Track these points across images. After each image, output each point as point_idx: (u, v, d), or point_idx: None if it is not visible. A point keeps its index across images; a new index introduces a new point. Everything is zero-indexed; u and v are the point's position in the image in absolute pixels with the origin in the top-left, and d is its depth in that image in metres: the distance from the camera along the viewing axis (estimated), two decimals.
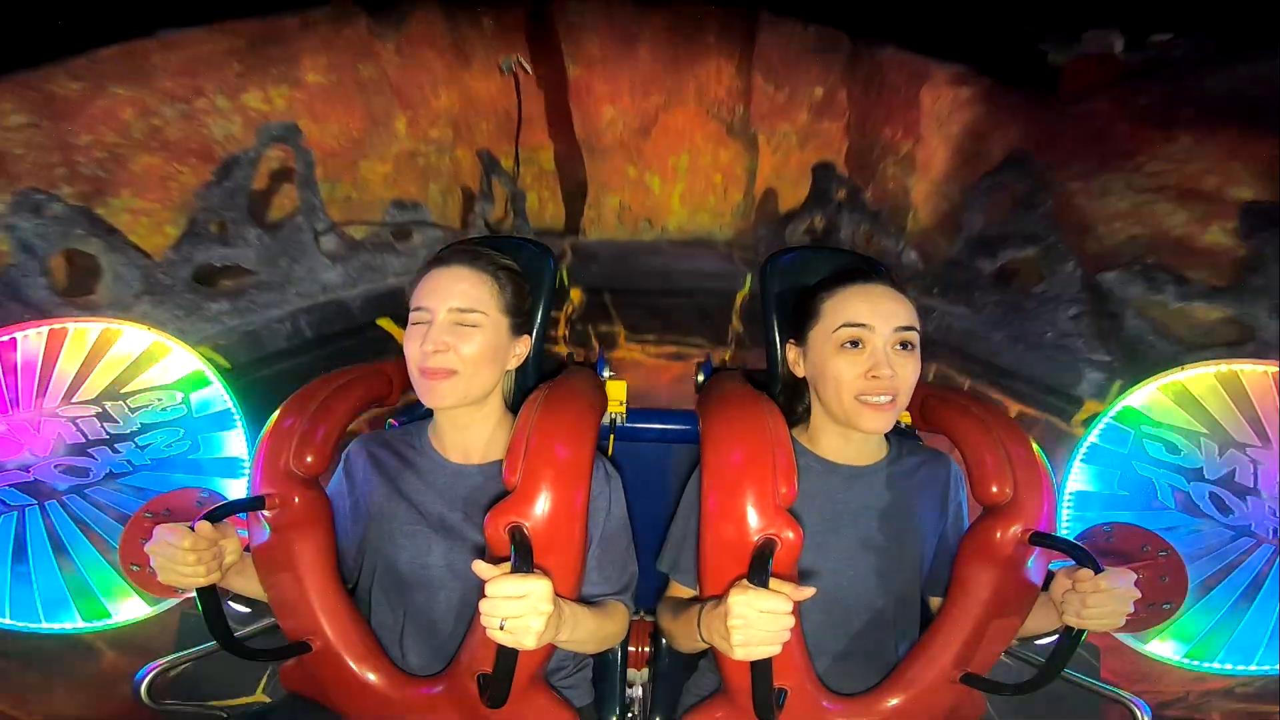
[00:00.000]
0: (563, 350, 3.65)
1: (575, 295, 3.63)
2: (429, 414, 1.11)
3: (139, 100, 2.34)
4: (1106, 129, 2.74)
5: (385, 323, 2.93)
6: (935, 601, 1.08)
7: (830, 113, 3.99)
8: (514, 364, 1.07)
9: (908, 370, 0.97)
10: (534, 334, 1.18)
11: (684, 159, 4.24)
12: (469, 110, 3.84)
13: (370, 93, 3.15)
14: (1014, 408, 2.64)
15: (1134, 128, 2.66)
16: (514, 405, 1.12)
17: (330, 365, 2.51)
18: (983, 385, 2.75)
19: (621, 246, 4.14)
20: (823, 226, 3.70)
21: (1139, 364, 2.19)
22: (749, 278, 3.52)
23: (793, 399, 1.13)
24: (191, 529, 0.89)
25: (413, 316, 1.00)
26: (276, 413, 1.09)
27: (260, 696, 1.14)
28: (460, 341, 0.97)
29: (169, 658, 1.04)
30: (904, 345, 0.98)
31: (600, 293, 3.70)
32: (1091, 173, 2.70)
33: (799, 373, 1.07)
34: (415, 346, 0.97)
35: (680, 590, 1.09)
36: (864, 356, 0.97)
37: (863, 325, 0.97)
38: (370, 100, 3.16)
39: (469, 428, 1.05)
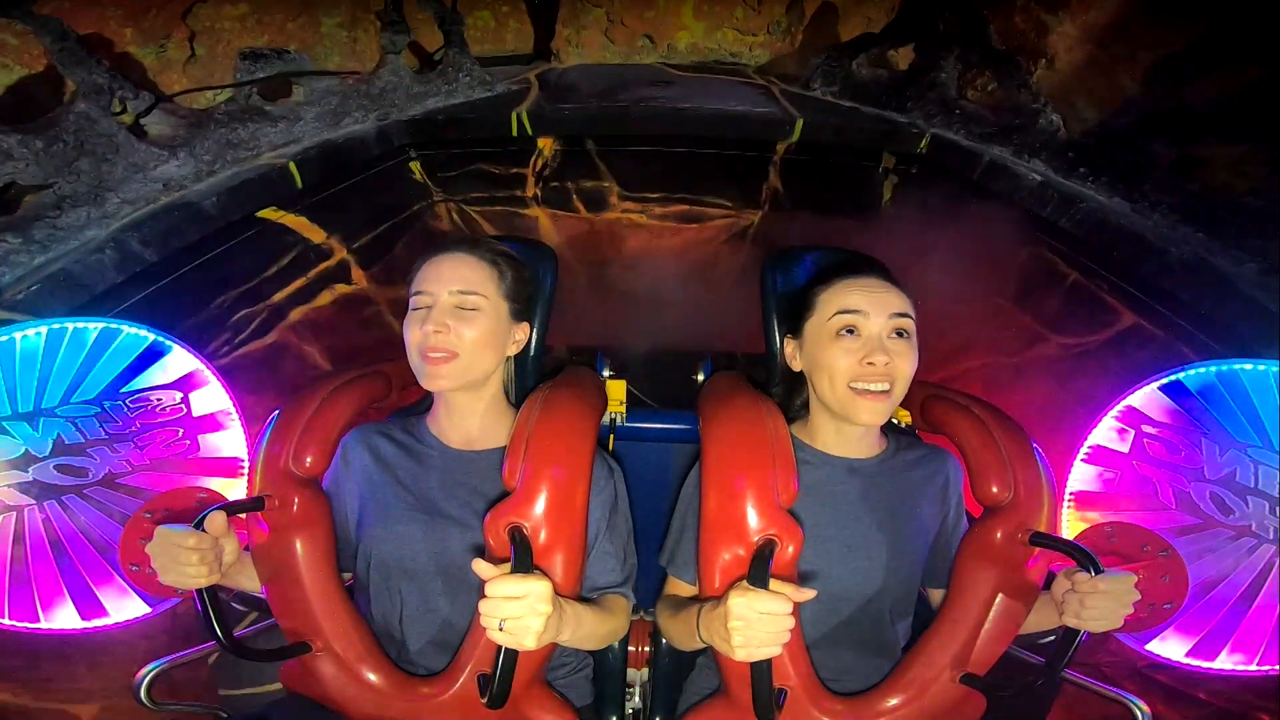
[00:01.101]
0: (534, 212, 2.81)
1: (545, 146, 2.68)
2: (427, 409, 1.11)
3: None
4: None
5: (272, 213, 2.13)
6: (936, 594, 1.09)
7: None
8: (513, 350, 1.08)
9: (903, 358, 0.97)
10: (534, 328, 1.18)
11: None
12: None
13: None
14: (1128, 317, 1.88)
15: None
16: (513, 396, 1.12)
17: (196, 289, 1.96)
18: (1102, 286, 1.96)
19: (610, 75, 2.95)
20: (912, 63, 2.66)
21: None
22: (799, 123, 2.53)
23: (791, 393, 1.13)
24: (198, 528, 0.89)
25: (413, 302, 1.01)
26: (276, 414, 1.10)
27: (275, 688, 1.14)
28: (461, 325, 0.98)
29: (169, 658, 1.04)
30: (899, 333, 0.98)
31: (581, 140, 2.71)
32: None
33: (796, 366, 1.07)
34: (416, 330, 0.99)
35: (678, 586, 1.09)
36: (859, 344, 0.97)
37: (857, 312, 0.98)
38: None
39: (469, 414, 1.06)
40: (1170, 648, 1.25)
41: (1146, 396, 1.33)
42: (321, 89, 2.33)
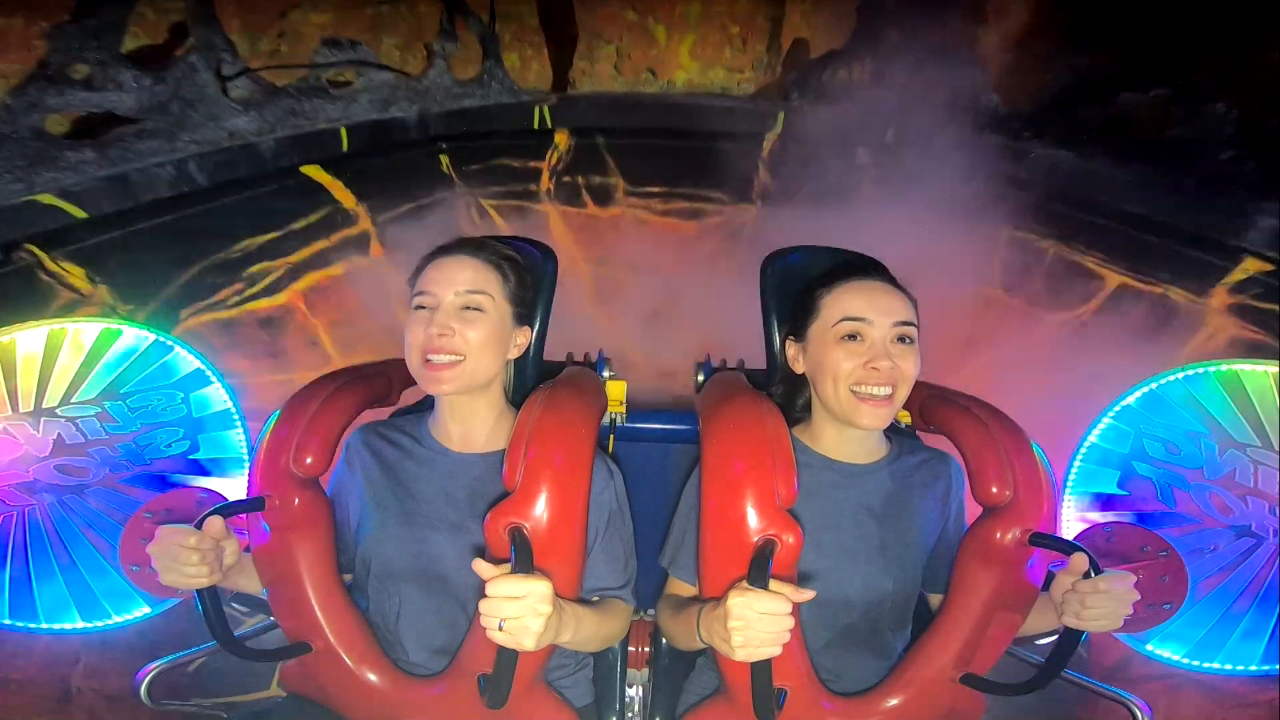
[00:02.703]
0: (545, 208, 3.08)
1: (560, 140, 3.03)
2: (430, 406, 1.11)
3: None
4: None
5: (313, 171, 2.49)
6: (935, 599, 1.09)
7: None
8: (514, 354, 1.08)
9: (907, 363, 0.98)
10: (534, 332, 1.18)
11: (694, 7, 3.60)
12: None
13: None
14: (1116, 280, 2.11)
15: None
16: (513, 399, 1.12)
17: (234, 216, 2.26)
18: (1079, 246, 2.22)
19: (618, 98, 3.48)
20: (870, 72, 3.16)
21: None
22: (781, 116, 2.94)
23: (792, 396, 1.13)
24: (198, 528, 0.89)
25: (416, 302, 1.01)
26: (276, 413, 1.09)
27: (275, 691, 1.13)
28: (466, 327, 0.98)
29: (169, 658, 1.04)
30: (903, 339, 0.99)
31: (592, 135, 3.04)
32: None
33: (798, 369, 1.07)
34: (420, 332, 0.98)
35: (679, 587, 1.09)
36: (863, 348, 0.97)
37: (861, 320, 0.98)
38: None
39: (470, 418, 1.06)
40: (1170, 648, 1.25)
41: (1146, 396, 1.33)
42: (378, 81, 2.78)
